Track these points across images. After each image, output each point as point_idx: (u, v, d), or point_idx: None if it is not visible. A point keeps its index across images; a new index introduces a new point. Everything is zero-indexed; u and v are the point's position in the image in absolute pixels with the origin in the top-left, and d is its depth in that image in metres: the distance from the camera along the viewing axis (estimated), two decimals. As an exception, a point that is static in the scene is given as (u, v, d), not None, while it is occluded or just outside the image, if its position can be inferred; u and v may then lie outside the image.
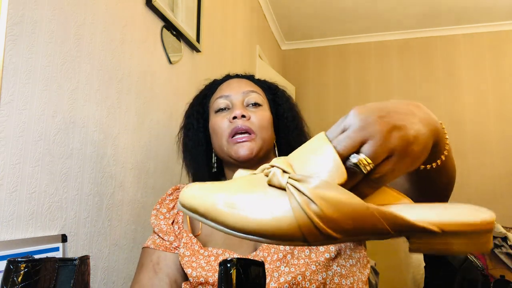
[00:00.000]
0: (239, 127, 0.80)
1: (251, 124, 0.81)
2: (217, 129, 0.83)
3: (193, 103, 0.95)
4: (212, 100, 0.88)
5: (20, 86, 0.71)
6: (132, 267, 1.03)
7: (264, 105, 0.87)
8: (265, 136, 0.83)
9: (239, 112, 0.81)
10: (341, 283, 0.69)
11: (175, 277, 0.77)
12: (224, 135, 0.82)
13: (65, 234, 0.79)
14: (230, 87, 0.87)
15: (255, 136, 0.81)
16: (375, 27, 3.32)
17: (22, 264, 0.39)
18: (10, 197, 0.68)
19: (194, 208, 0.38)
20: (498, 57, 3.18)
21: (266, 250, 0.73)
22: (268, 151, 0.85)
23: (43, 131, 0.76)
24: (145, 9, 1.14)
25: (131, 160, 1.05)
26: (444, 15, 3.07)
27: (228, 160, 0.83)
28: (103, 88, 0.94)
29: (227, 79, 0.92)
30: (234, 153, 0.80)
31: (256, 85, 0.90)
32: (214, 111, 0.86)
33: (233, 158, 0.81)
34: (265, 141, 0.82)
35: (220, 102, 0.85)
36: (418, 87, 3.29)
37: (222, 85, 0.90)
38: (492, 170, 3.01)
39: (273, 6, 2.98)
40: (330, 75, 3.54)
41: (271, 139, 0.86)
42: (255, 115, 0.83)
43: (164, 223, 0.81)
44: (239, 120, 0.81)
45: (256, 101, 0.85)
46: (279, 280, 0.67)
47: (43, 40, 0.76)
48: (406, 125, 0.38)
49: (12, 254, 0.65)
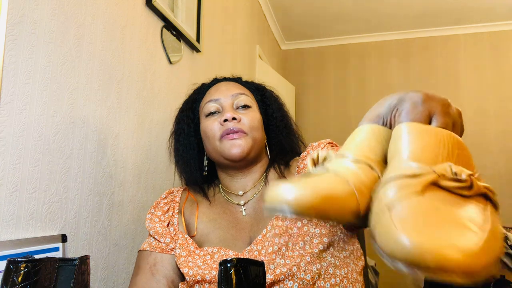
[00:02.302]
0: (230, 128, 0.81)
1: (242, 125, 0.82)
2: (208, 132, 0.84)
3: (182, 108, 0.95)
4: (202, 104, 0.89)
5: (20, 86, 0.70)
6: (132, 267, 1.03)
7: (253, 106, 0.88)
8: (257, 136, 0.84)
9: (229, 115, 0.82)
10: (335, 273, 0.71)
11: (172, 278, 0.78)
12: (216, 137, 0.82)
13: (65, 234, 0.79)
14: (219, 91, 0.88)
15: (247, 136, 0.82)
16: (375, 27, 3.32)
17: (22, 264, 0.39)
18: (10, 197, 0.68)
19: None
20: (499, 57, 3.18)
21: (260, 244, 0.74)
22: (259, 151, 0.86)
23: (43, 131, 0.76)
24: (145, 9, 1.14)
25: (131, 160, 1.05)
26: (444, 15, 3.07)
27: (221, 162, 0.84)
28: (103, 88, 0.94)
29: (215, 83, 0.93)
30: (227, 152, 0.80)
31: (244, 87, 0.91)
32: (205, 115, 0.87)
33: (225, 158, 0.81)
34: (256, 141, 0.83)
35: (210, 106, 0.86)
36: (418, 87, 3.29)
37: (210, 89, 0.90)
38: (492, 170, 3.01)
39: (273, 6, 2.98)
40: (330, 75, 3.54)
41: (262, 139, 0.87)
42: (246, 116, 0.84)
43: (160, 226, 0.82)
44: (230, 123, 0.81)
45: (245, 103, 0.86)
46: (275, 272, 0.69)
47: (43, 40, 0.76)
48: (449, 103, 0.45)
49: (12, 254, 0.65)
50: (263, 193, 0.85)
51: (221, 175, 0.88)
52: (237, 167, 0.85)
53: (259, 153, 0.87)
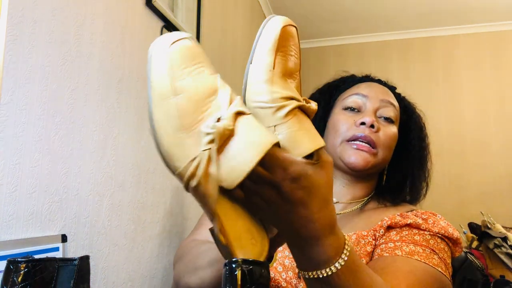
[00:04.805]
0: (363, 135, 0.74)
1: (377, 138, 0.75)
2: (338, 127, 0.77)
3: (322, 89, 0.88)
4: (345, 95, 0.82)
5: (20, 86, 0.70)
6: (132, 267, 1.03)
7: (395, 122, 0.80)
8: (386, 156, 0.77)
9: (369, 119, 0.75)
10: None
11: None
12: (342, 136, 0.76)
13: (65, 234, 0.79)
14: (370, 89, 0.81)
15: (376, 152, 0.75)
16: (375, 27, 3.32)
17: (22, 264, 0.39)
18: (10, 197, 0.68)
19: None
20: (498, 57, 3.18)
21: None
22: (379, 170, 0.79)
23: (43, 131, 0.76)
24: (145, 9, 1.14)
25: (131, 160, 1.05)
26: (444, 15, 3.07)
27: (334, 161, 0.79)
28: (103, 88, 0.94)
29: (367, 80, 0.86)
30: (347, 158, 0.74)
31: (395, 99, 0.83)
32: (343, 107, 0.80)
33: (343, 162, 0.75)
34: (383, 161, 0.77)
35: (354, 99, 0.79)
36: (418, 87, 3.29)
37: (361, 84, 0.84)
38: (492, 170, 3.01)
39: (273, 6, 2.98)
40: (330, 75, 3.52)
41: (388, 160, 0.79)
42: (384, 130, 0.77)
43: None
44: (367, 129, 0.75)
45: (390, 116, 0.79)
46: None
47: (43, 40, 0.76)
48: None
49: (12, 254, 0.65)
50: (352, 216, 0.78)
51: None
52: (347, 173, 0.78)
53: (376, 171, 0.80)
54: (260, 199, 0.39)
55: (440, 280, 0.61)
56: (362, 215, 0.79)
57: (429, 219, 0.70)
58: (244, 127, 0.37)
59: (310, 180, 0.38)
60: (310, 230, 0.40)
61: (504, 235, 1.86)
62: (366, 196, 0.82)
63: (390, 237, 0.69)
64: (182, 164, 0.37)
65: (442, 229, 0.68)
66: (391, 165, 0.83)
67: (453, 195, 3.00)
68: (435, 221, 0.70)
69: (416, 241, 0.66)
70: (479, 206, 2.61)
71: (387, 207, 0.79)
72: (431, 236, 0.67)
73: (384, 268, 0.60)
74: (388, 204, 0.80)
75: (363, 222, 0.76)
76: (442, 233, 0.68)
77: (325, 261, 0.41)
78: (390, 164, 0.82)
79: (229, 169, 0.36)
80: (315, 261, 0.41)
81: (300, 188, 0.38)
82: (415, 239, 0.66)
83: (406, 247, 0.64)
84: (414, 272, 0.59)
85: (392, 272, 0.58)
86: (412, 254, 0.63)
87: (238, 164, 0.36)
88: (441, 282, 0.61)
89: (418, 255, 0.63)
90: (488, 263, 1.81)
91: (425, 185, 0.84)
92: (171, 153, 0.38)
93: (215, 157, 0.37)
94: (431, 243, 0.66)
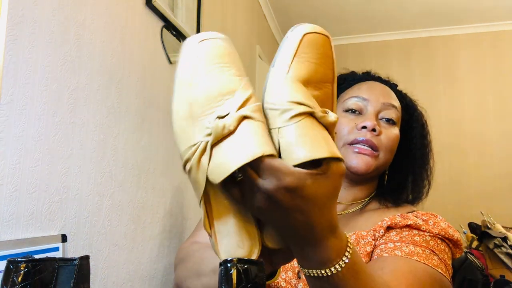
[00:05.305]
0: (365, 139, 0.74)
1: (378, 141, 0.75)
2: (339, 129, 0.76)
3: None
4: (345, 96, 0.81)
5: (20, 86, 0.70)
6: (132, 267, 1.03)
7: (397, 123, 0.80)
8: (388, 158, 0.77)
9: (371, 124, 0.74)
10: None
11: None
12: (343, 140, 0.76)
13: (65, 234, 0.79)
14: (371, 91, 0.80)
15: (378, 155, 0.75)
16: (375, 27, 3.32)
17: (22, 264, 0.39)
18: (10, 197, 0.68)
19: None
20: (498, 57, 3.18)
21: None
22: (380, 172, 0.79)
23: (43, 131, 0.76)
24: (145, 9, 1.14)
25: (131, 160, 1.05)
26: (444, 15, 3.07)
27: None
28: (103, 88, 0.94)
29: (368, 79, 0.85)
30: (349, 161, 0.74)
31: (397, 99, 0.82)
32: (343, 109, 0.79)
33: (345, 166, 0.74)
34: (385, 163, 0.77)
35: (354, 102, 0.78)
36: (418, 87, 3.29)
37: (362, 84, 0.82)
38: (492, 170, 3.01)
39: (273, 6, 2.98)
40: (330, 75, 3.53)
41: (390, 162, 0.79)
42: (386, 133, 0.76)
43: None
44: (368, 133, 0.74)
45: (392, 117, 0.78)
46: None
47: (43, 40, 0.76)
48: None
49: (12, 254, 0.65)
50: (352, 217, 0.78)
51: None
52: (348, 176, 0.78)
53: (378, 173, 0.80)
54: (257, 202, 0.39)
55: (440, 281, 0.61)
56: (362, 215, 0.79)
57: (429, 220, 0.70)
58: (245, 131, 0.38)
59: (308, 191, 0.37)
60: (309, 233, 0.39)
61: (504, 235, 1.87)
62: (367, 197, 0.82)
63: (390, 237, 0.69)
64: (184, 147, 0.41)
65: (443, 230, 0.68)
66: (393, 165, 0.83)
67: (453, 195, 3.01)
68: (436, 222, 0.70)
69: (416, 242, 0.66)
70: (479, 206, 2.61)
71: (388, 208, 0.79)
72: (431, 237, 0.67)
73: (384, 268, 0.60)
74: (390, 205, 0.79)
75: (363, 222, 0.76)
76: (442, 234, 0.67)
77: (325, 262, 0.41)
78: (392, 164, 0.82)
79: (217, 164, 0.38)
80: (315, 261, 0.41)
81: (297, 197, 0.37)
82: (415, 240, 0.66)
83: (406, 248, 0.64)
84: (414, 273, 0.59)
85: (392, 273, 0.58)
86: (411, 255, 0.63)
87: (224, 162, 0.37)
88: (441, 283, 0.61)
89: (417, 255, 0.63)
90: (488, 263, 1.81)
91: (427, 183, 0.83)
92: (178, 135, 0.42)
93: (208, 148, 0.39)
94: (431, 244, 0.66)
